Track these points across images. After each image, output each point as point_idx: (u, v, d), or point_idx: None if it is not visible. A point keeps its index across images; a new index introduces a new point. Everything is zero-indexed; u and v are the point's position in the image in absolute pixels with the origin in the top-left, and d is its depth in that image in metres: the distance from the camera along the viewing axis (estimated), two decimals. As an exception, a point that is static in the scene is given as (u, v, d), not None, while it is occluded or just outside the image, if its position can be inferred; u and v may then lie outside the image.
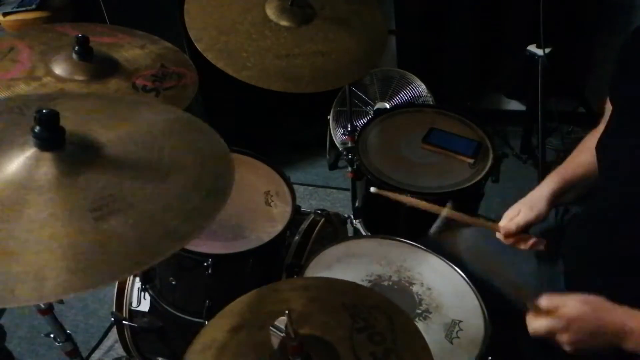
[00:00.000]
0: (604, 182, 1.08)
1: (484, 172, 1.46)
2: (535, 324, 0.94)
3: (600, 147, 1.08)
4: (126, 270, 0.69)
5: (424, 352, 0.85)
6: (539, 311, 0.94)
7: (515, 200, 1.20)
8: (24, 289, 0.63)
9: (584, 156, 1.18)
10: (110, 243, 0.68)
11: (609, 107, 1.11)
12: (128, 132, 0.85)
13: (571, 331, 0.90)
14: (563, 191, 1.17)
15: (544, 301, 0.94)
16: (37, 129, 0.74)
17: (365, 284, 1.17)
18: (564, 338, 0.92)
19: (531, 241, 1.16)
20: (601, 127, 1.13)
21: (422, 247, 1.26)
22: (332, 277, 1.10)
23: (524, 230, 1.17)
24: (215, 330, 0.88)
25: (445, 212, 1.15)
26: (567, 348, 0.93)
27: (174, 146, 0.85)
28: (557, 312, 0.92)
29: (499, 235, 1.20)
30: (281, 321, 0.80)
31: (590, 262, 1.10)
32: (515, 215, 1.17)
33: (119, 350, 1.64)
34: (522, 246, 1.17)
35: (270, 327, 0.81)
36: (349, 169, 1.60)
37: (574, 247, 1.15)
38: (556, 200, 1.17)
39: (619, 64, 1.07)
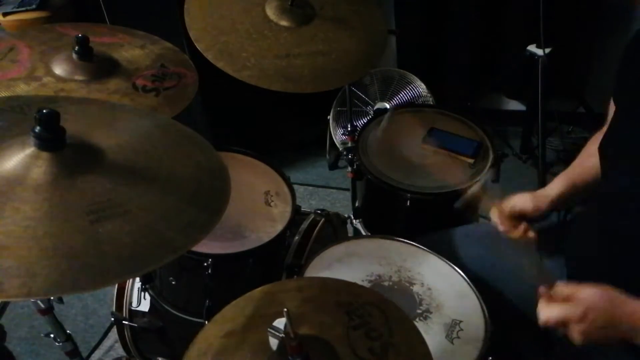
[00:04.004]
0: (606, 182, 1.08)
1: (484, 172, 1.46)
2: (548, 310, 0.92)
3: (602, 147, 1.08)
4: (118, 276, 0.68)
5: (420, 344, 0.86)
6: (553, 297, 0.92)
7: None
8: (13, 283, 0.63)
9: (593, 160, 1.17)
10: (105, 247, 0.69)
11: (612, 108, 1.11)
12: (128, 140, 0.86)
13: (586, 321, 0.88)
14: (570, 195, 1.16)
15: (559, 288, 0.92)
16: (37, 128, 0.74)
17: (365, 284, 1.16)
18: (577, 328, 0.89)
19: (521, 227, 1.15)
20: (605, 129, 1.13)
21: (422, 247, 1.26)
22: (325, 277, 1.11)
23: (518, 218, 1.16)
24: (210, 336, 0.88)
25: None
26: (577, 338, 0.90)
27: (173, 158, 0.86)
28: (573, 299, 0.90)
29: (492, 216, 1.19)
30: (279, 322, 0.80)
31: (592, 262, 1.10)
32: (517, 200, 1.17)
33: (119, 350, 1.64)
34: (514, 234, 1.16)
35: (268, 329, 0.81)
36: (349, 169, 1.60)
37: (577, 246, 1.15)
38: (561, 203, 1.16)
39: (622, 65, 1.07)
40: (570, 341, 0.94)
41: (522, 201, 1.16)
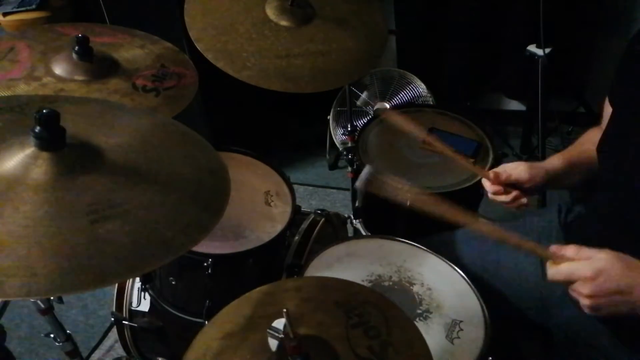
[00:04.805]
0: (605, 183, 1.08)
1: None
2: (557, 267, 0.88)
3: (601, 148, 1.09)
4: (118, 276, 0.68)
5: (419, 341, 0.86)
6: (562, 259, 0.88)
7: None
8: (13, 283, 0.63)
9: (586, 146, 1.18)
10: (104, 247, 0.69)
11: (607, 108, 1.12)
12: (128, 140, 0.86)
13: (597, 282, 0.84)
14: (565, 172, 1.16)
15: (571, 250, 0.88)
16: (37, 128, 0.74)
17: (365, 284, 1.16)
18: (586, 289, 0.85)
19: (513, 194, 1.15)
20: (603, 125, 1.13)
21: (422, 247, 1.26)
22: (323, 276, 1.11)
23: (511, 186, 1.17)
24: (209, 337, 0.88)
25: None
26: (585, 303, 0.87)
27: (173, 158, 0.86)
28: (585, 261, 0.86)
29: (484, 182, 1.19)
30: (278, 322, 0.80)
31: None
32: (513, 169, 1.16)
33: (119, 350, 1.64)
34: (504, 197, 1.15)
35: (268, 329, 0.81)
36: (349, 169, 1.60)
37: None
38: (555, 179, 1.16)
39: (620, 67, 1.07)
40: (571, 335, 0.93)
41: (518, 170, 1.15)
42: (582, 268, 0.86)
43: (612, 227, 1.06)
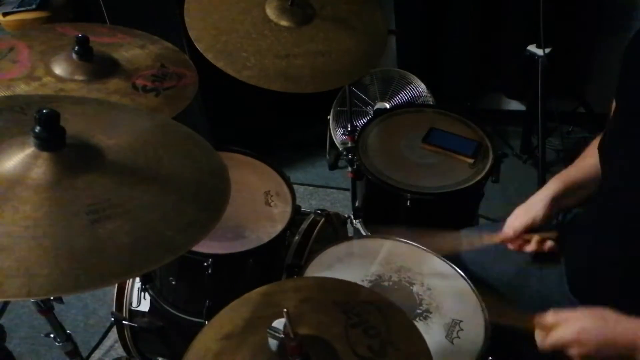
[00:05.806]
0: (606, 183, 1.08)
1: (484, 172, 1.46)
2: (543, 338, 0.94)
3: (602, 148, 1.08)
4: (118, 276, 0.68)
5: (418, 340, 0.86)
6: (546, 327, 0.94)
7: (514, 200, 1.20)
8: (13, 283, 0.63)
9: (587, 160, 1.18)
10: (105, 247, 0.69)
11: (614, 109, 1.11)
12: (128, 140, 0.86)
13: (580, 344, 0.90)
14: (563, 195, 1.17)
15: (550, 317, 0.94)
16: (37, 128, 0.74)
17: (365, 284, 1.17)
18: (574, 351, 0.91)
19: (534, 242, 1.17)
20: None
21: (422, 247, 1.26)
22: (322, 276, 1.10)
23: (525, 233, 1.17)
24: (209, 338, 0.88)
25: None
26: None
27: (173, 158, 0.86)
28: (564, 325, 0.92)
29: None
30: (278, 323, 0.80)
31: (592, 262, 1.10)
32: (514, 221, 1.18)
33: (119, 350, 1.64)
34: (528, 248, 1.18)
35: (268, 329, 0.81)
36: (349, 169, 1.60)
37: (576, 247, 1.15)
38: (556, 204, 1.17)
39: (623, 66, 1.07)
40: None
41: (520, 220, 1.17)
42: (563, 334, 0.92)
43: (611, 226, 1.06)
